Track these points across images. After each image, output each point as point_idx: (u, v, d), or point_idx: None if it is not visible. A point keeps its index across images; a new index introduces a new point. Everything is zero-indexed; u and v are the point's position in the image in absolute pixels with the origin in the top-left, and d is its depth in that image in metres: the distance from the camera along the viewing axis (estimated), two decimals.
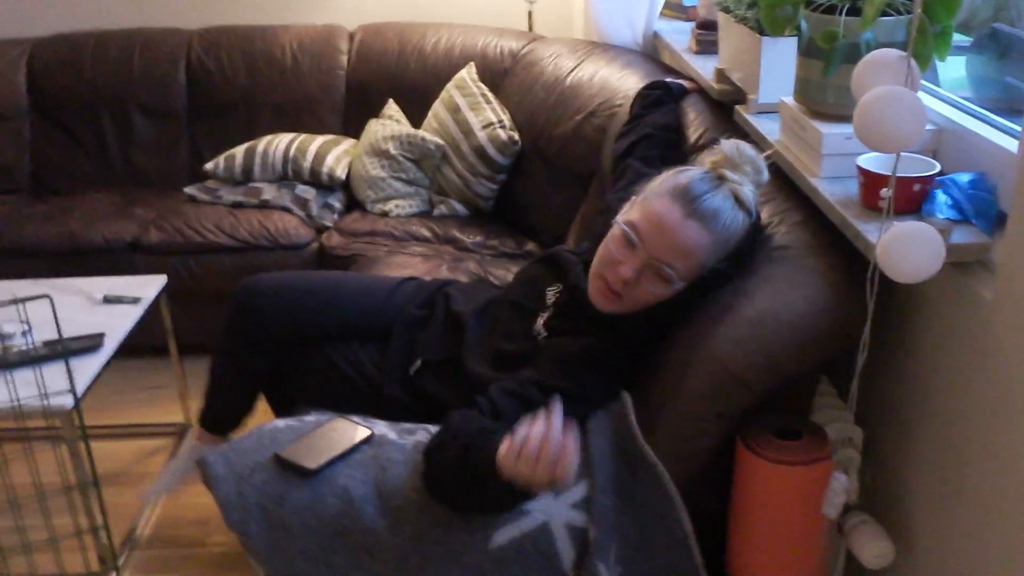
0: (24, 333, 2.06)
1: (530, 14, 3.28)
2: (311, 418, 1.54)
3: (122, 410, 2.67)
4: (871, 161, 1.37)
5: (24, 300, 1.71)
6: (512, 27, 3.27)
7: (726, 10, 1.97)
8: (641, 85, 2.35)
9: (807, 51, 1.52)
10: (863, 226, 1.30)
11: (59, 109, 3.27)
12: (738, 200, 1.53)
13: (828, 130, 1.46)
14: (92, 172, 3.24)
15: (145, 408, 2.68)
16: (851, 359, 1.36)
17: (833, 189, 1.44)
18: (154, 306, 2.31)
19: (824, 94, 1.51)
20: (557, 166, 2.65)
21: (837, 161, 1.47)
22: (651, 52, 2.78)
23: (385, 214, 2.84)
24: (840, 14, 1.43)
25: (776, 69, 1.78)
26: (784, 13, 1.56)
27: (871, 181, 1.33)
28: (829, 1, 1.48)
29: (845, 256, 1.41)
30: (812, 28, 1.49)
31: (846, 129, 1.45)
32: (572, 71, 2.75)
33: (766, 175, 1.59)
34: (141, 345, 2.31)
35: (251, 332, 1.80)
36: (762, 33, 1.76)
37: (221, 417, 1.95)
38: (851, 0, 1.45)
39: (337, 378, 1.74)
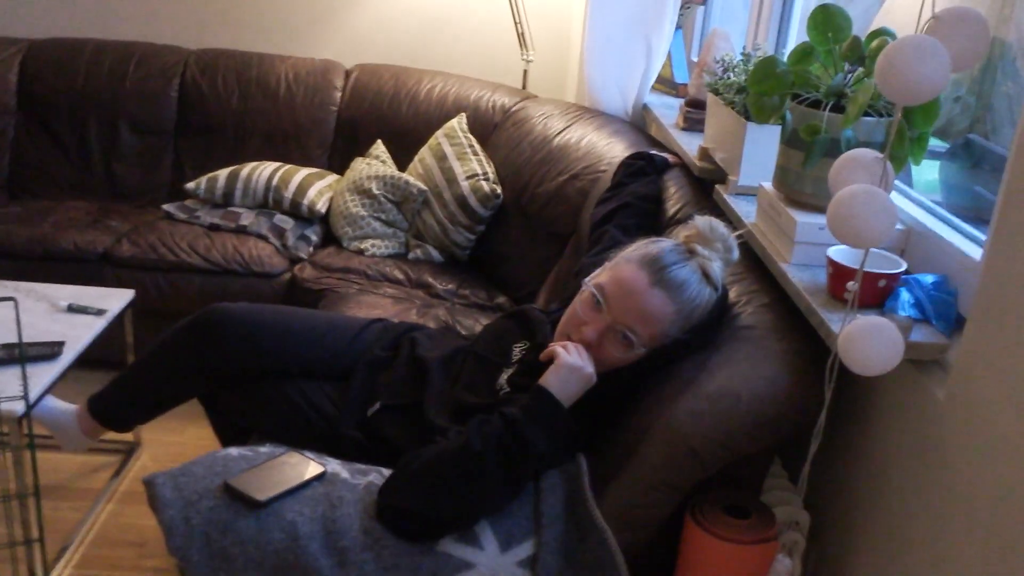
0: None
1: (525, 72, 3.34)
2: (265, 449, 1.53)
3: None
4: (841, 253, 1.40)
5: None
6: (507, 83, 3.33)
7: (715, 92, 2.03)
8: (626, 154, 2.40)
9: (790, 141, 1.57)
10: (827, 315, 1.34)
11: (46, 112, 3.26)
12: (706, 274, 1.57)
13: (803, 219, 1.50)
14: (72, 179, 3.23)
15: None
16: (805, 443, 1.38)
17: (802, 276, 1.48)
18: (118, 320, 2.29)
19: (802, 184, 1.56)
20: (536, 223, 2.68)
21: (808, 249, 1.51)
22: (639, 123, 2.84)
23: (361, 252, 2.85)
24: (824, 110, 1.48)
25: (758, 154, 1.83)
26: (771, 102, 1.61)
27: (839, 273, 1.37)
28: (815, 96, 1.54)
29: (808, 342, 1.44)
30: (796, 120, 1.54)
31: (820, 219, 1.49)
32: (560, 132, 2.80)
33: (736, 254, 1.63)
34: (99, 358, 2.29)
35: (209, 357, 1.78)
36: (748, 119, 1.82)
37: (118, 413, 1.95)
38: (836, 97, 1.50)
39: (294, 413, 1.73)
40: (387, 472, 1.47)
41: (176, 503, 1.38)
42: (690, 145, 2.27)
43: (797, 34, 2.39)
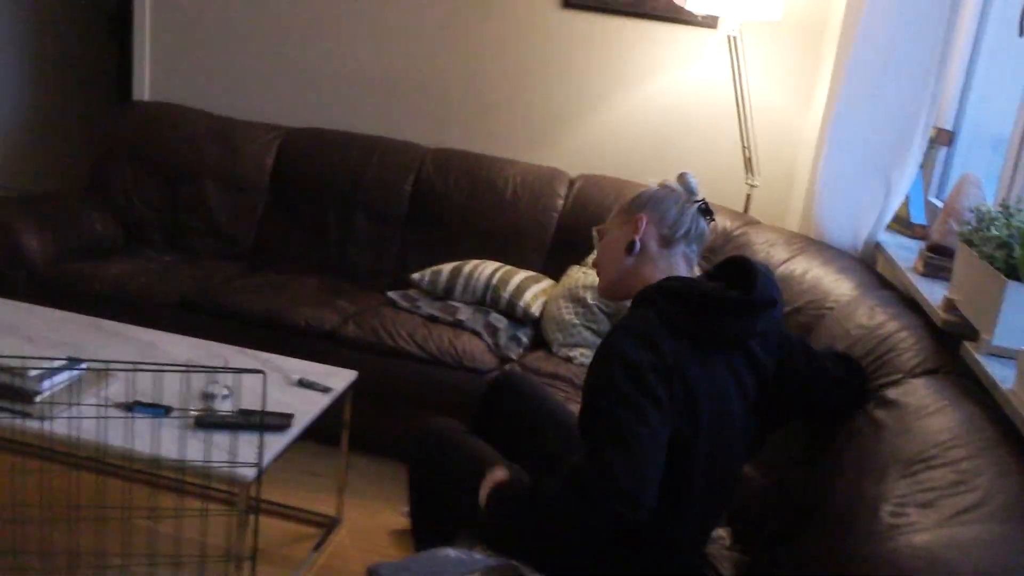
0: (224, 397, 2.19)
1: (748, 197, 3.33)
2: (480, 557, 1.54)
3: (278, 488, 2.74)
4: None
5: (241, 371, 1.82)
6: (728, 206, 3.32)
7: (969, 243, 1.93)
8: (855, 292, 2.32)
9: None
10: None
11: (293, 193, 3.55)
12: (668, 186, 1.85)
13: None
14: (308, 257, 3.48)
15: (300, 492, 2.74)
16: None
17: None
18: (339, 397, 2.40)
19: None
20: None
21: None
22: (869, 260, 2.74)
23: (569, 360, 2.88)
24: None
25: (1018, 315, 1.72)
26: None
27: None
28: None
29: None
30: None
31: None
32: (784, 262, 2.75)
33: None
34: (317, 429, 2.40)
35: (492, 410, 2.11)
36: (1009, 277, 1.71)
37: None
38: None
39: None
40: None
41: None
42: (931, 293, 2.16)
43: None
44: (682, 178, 1.92)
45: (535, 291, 3.06)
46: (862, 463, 1.73)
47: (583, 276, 3.01)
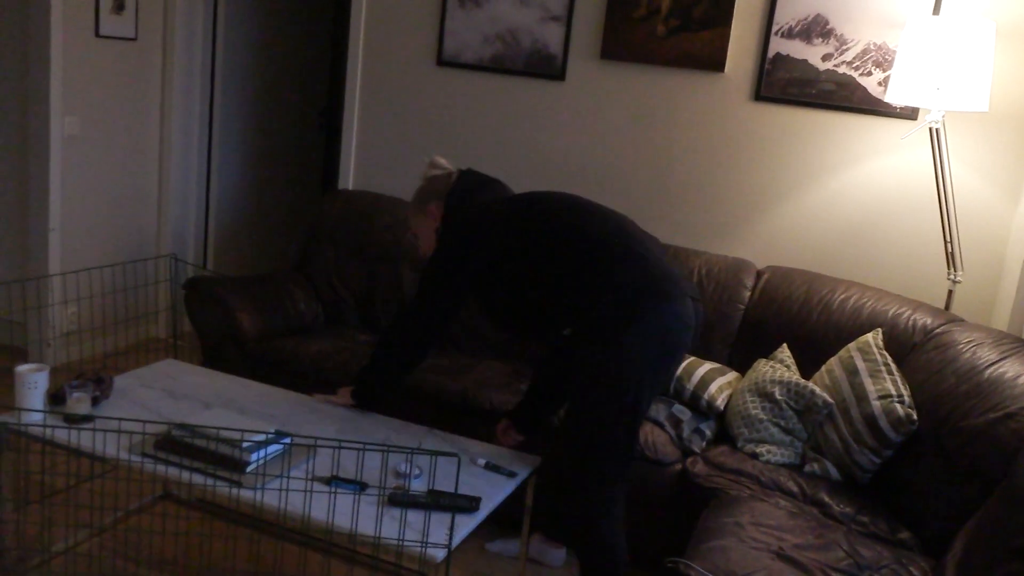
0: (416, 477, 2.27)
1: (950, 293, 3.16)
2: None
3: (459, 568, 2.79)
4: None
5: (437, 453, 1.89)
6: (927, 302, 3.16)
7: None
8: None
9: None
10: None
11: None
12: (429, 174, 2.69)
13: None
14: (493, 341, 3.57)
15: (480, 574, 2.78)
16: None
17: None
18: (522, 483, 2.43)
19: None
20: (957, 459, 2.45)
21: None
22: None
23: (755, 456, 2.79)
24: None
25: None
26: None
27: None
28: None
29: None
30: None
31: None
32: (992, 364, 2.58)
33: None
34: (497, 512, 2.43)
35: None
36: None
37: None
38: None
39: None
40: None
41: None
42: None
43: None
44: (435, 162, 2.65)
45: (720, 383, 3.01)
46: None
47: (771, 370, 2.94)
